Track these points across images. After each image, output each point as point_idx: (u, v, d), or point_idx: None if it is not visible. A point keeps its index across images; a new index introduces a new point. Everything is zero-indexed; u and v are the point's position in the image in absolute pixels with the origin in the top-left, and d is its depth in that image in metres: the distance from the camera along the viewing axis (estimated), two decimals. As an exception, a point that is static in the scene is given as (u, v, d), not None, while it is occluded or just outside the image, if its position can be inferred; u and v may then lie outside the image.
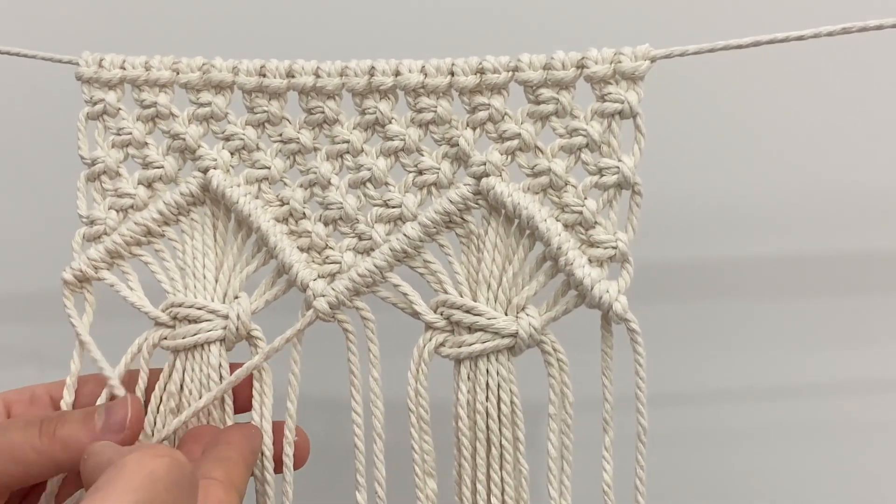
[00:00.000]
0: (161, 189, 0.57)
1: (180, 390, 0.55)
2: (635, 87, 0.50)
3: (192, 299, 0.55)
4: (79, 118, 0.56)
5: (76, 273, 0.55)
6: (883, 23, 0.46)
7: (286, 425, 0.54)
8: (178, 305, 0.55)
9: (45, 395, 0.55)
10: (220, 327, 0.54)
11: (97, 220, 0.56)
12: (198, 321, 0.54)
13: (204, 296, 0.55)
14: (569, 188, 0.51)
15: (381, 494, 0.53)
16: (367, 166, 0.54)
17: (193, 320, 0.54)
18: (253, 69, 0.54)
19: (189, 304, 0.55)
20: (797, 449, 0.76)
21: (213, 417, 0.55)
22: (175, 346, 0.54)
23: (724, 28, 0.57)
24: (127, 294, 0.55)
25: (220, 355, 0.55)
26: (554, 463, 0.52)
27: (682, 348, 0.74)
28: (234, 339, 0.55)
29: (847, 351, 0.74)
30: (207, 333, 0.54)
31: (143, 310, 0.55)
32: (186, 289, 0.56)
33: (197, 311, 0.54)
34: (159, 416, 0.55)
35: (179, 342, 0.54)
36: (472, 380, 0.52)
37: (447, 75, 0.52)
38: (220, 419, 0.55)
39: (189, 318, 0.55)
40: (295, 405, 0.54)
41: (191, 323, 0.54)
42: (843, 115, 0.71)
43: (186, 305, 0.55)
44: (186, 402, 0.54)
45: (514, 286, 0.52)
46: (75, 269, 0.55)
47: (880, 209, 0.71)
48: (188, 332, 0.54)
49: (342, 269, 0.54)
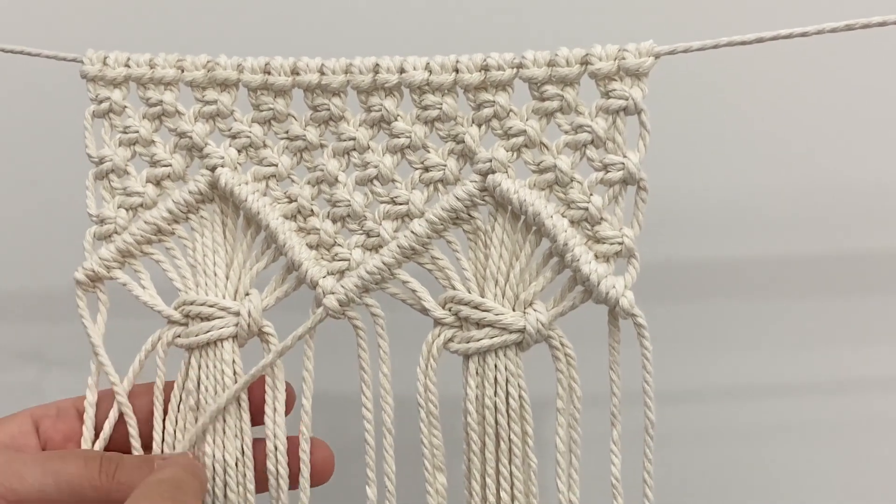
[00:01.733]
0: (170, 187, 0.57)
1: (197, 387, 0.55)
2: (639, 83, 0.50)
3: (203, 297, 0.55)
4: (84, 116, 0.56)
5: (88, 273, 0.56)
6: (886, 19, 0.45)
7: (302, 423, 0.55)
8: (190, 303, 0.55)
9: (72, 409, 0.56)
10: (231, 324, 0.55)
11: (107, 219, 0.56)
12: (210, 318, 0.55)
13: (215, 293, 0.56)
14: (574, 184, 0.52)
15: (390, 489, 0.53)
16: (373, 164, 0.54)
17: (206, 318, 0.55)
18: (258, 67, 0.54)
19: (201, 302, 0.55)
20: (803, 445, 0.76)
21: (230, 417, 0.55)
22: (189, 344, 0.55)
23: (727, 25, 0.57)
24: (140, 293, 0.56)
25: (234, 352, 0.55)
26: (562, 457, 0.52)
27: (687, 346, 0.75)
28: (247, 335, 0.55)
29: (853, 349, 0.74)
30: (220, 331, 0.55)
31: (157, 308, 0.56)
32: (198, 286, 0.56)
33: (209, 308, 0.55)
34: (179, 415, 0.56)
35: (193, 340, 0.55)
36: (481, 375, 0.53)
37: (452, 72, 0.52)
38: (236, 416, 0.55)
39: (201, 316, 0.55)
40: (310, 401, 0.54)
41: (203, 321, 0.55)
42: (847, 113, 0.71)
43: (198, 303, 0.55)
44: (204, 398, 0.55)
45: (522, 282, 0.53)
46: (87, 269, 0.56)
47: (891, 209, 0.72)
48: (201, 330, 0.55)
49: (351, 266, 0.54)
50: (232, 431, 0.55)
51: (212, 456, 0.55)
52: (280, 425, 0.55)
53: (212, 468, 0.55)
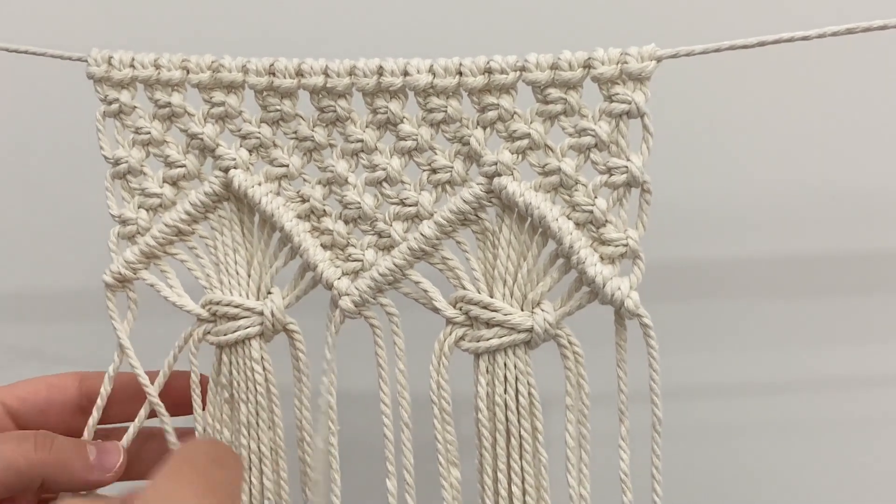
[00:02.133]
0: (186, 187, 0.58)
1: (230, 382, 0.57)
2: (642, 87, 0.49)
3: (228, 297, 0.57)
4: (96, 117, 0.57)
5: (116, 276, 0.57)
6: (888, 23, 0.45)
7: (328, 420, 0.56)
8: (216, 303, 0.57)
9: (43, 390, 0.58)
10: (256, 323, 0.56)
11: (129, 220, 0.57)
12: (236, 318, 0.56)
13: (239, 291, 0.57)
14: (579, 187, 0.52)
15: (409, 481, 0.55)
16: (381, 166, 0.54)
17: (232, 317, 0.56)
18: (262, 68, 0.54)
19: (226, 303, 0.56)
20: (810, 442, 0.77)
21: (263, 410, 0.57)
22: (218, 342, 0.57)
23: (729, 28, 0.56)
24: (168, 293, 0.57)
25: (261, 348, 0.57)
26: (572, 452, 0.53)
27: (693, 343, 0.75)
28: (272, 332, 0.57)
29: (859, 348, 0.74)
30: (246, 330, 0.56)
31: (186, 308, 0.57)
32: (222, 285, 0.57)
33: (234, 309, 0.56)
34: (216, 407, 0.58)
35: (222, 339, 0.56)
36: (491, 373, 0.54)
37: (455, 75, 0.52)
38: (268, 409, 0.57)
39: (227, 316, 0.57)
40: (334, 398, 0.56)
41: (230, 320, 0.57)
42: (849, 115, 0.70)
43: (224, 303, 0.56)
44: (237, 392, 0.57)
45: (529, 282, 0.53)
46: (115, 272, 0.57)
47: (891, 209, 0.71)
48: (228, 329, 0.56)
49: (364, 266, 0.55)
50: (266, 424, 0.57)
51: (247, 447, 0.57)
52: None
53: (248, 459, 0.57)
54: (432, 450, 0.54)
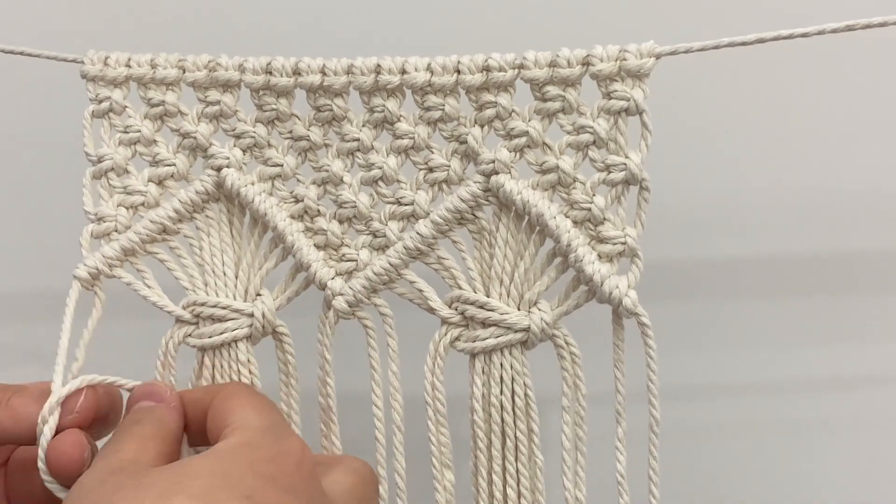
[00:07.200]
0: (173, 186, 0.57)
1: None
2: (641, 84, 0.50)
3: (214, 298, 0.56)
4: (83, 116, 0.56)
5: (91, 270, 0.55)
6: (887, 20, 0.45)
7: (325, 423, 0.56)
8: (201, 304, 0.55)
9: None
10: (245, 325, 0.55)
11: (106, 217, 0.56)
12: (223, 320, 0.55)
13: (226, 293, 0.56)
14: (577, 185, 0.52)
15: (400, 485, 0.54)
16: (377, 164, 0.54)
17: (218, 319, 0.55)
18: (259, 67, 0.54)
19: (213, 304, 0.55)
20: (807, 443, 0.77)
21: None
22: (203, 345, 0.55)
23: (728, 25, 0.57)
24: (146, 293, 0.56)
25: (248, 351, 0.56)
26: (568, 454, 0.53)
27: (691, 343, 0.75)
28: (261, 335, 0.56)
29: (856, 347, 0.75)
30: (233, 332, 0.55)
31: (166, 308, 0.56)
32: (207, 286, 0.56)
33: (221, 310, 0.55)
34: None
35: (207, 341, 0.55)
36: (487, 373, 0.53)
37: (453, 73, 0.52)
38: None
39: (214, 317, 0.55)
40: (334, 400, 0.55)
41: (215, 322, 0.55)
42: (848, 113, 0.70)
43: (210, 304, 0.55)
44: None
45: (526, 281, 0.53)
46: (90, 266, 0.55)
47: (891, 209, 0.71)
48: (214, 332, 0.55)
49: (359, 266, 0.55)
50: None
51: None
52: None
53: None
54: (425, 452, 0.54)
